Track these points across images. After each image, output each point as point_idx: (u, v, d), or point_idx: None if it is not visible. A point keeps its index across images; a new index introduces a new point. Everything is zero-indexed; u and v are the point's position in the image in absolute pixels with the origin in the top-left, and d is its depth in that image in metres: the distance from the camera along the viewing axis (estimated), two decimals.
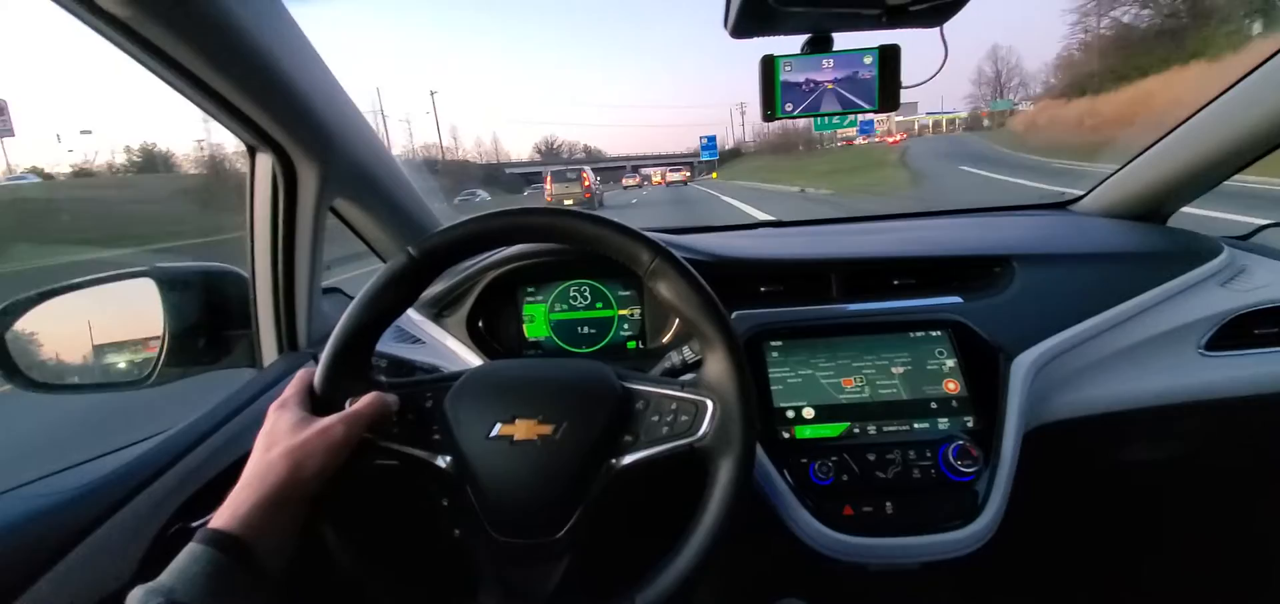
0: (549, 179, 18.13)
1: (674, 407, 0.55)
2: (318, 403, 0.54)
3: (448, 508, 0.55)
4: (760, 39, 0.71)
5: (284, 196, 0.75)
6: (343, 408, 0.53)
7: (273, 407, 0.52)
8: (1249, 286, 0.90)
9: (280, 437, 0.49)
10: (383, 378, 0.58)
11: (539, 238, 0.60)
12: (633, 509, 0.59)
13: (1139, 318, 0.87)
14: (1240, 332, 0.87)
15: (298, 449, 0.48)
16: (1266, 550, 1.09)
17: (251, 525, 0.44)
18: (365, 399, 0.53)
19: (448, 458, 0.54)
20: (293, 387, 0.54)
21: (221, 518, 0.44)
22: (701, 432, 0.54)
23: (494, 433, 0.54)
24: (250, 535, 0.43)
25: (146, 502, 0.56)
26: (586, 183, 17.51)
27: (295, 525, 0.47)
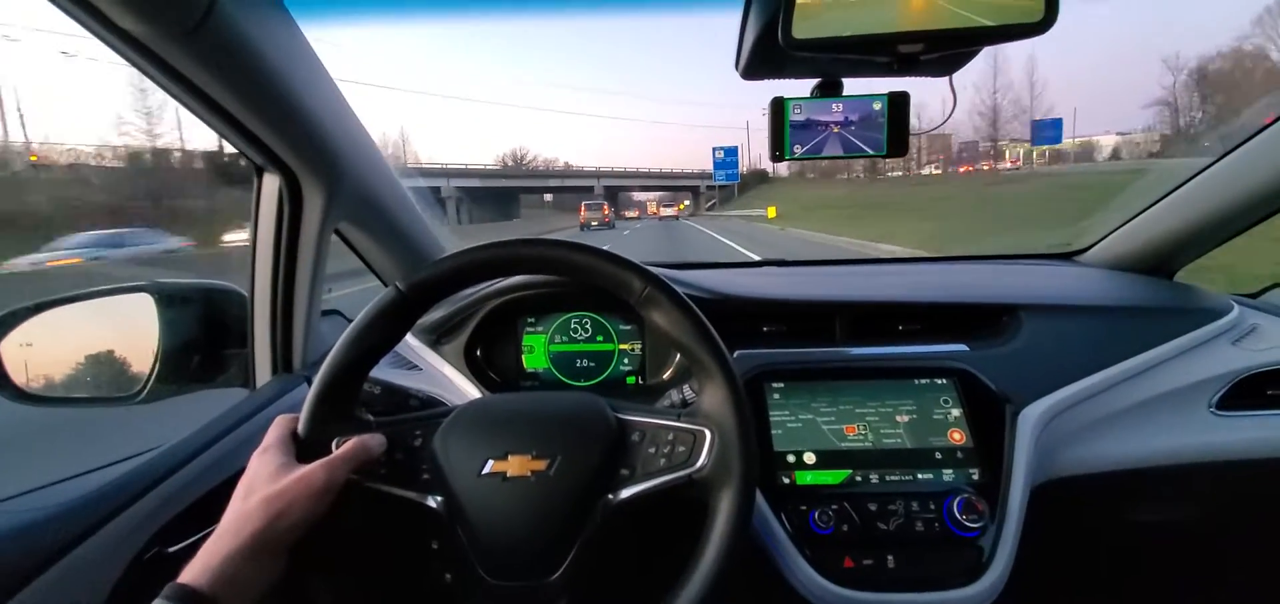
0: (583, 208, 29.61)
1: (671, 438, 0.54)
2: (302, 447, 0.53)
3: (438, 551, 0.53)
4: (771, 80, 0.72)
5: (289, 218, 0.75)
6: (330, 450, 0.52)
7: (255, 453, 0.51)
8: (1260, 346, 0.89)
9: (259, 484, 0.48)
10: (370, 417, 0.56)
11: (531, 269, 0.59)
12: (631, 548, 0.58)
13: (1149, 373, 0.85)
14: (1252, 392, 0.85)
15: (277, 498, 0.46)
16: None
17: (222, 579, 0.42)
18: (349, 443, 0.52)
19: (438, 498, 0.52)
20: (274, 431, 0.53)
21: (191, 572, 0.42)
22: (700, 463, 0.52)
23: (486, 470, 0.52)
24: (220, 590, 0.42)
25: (124, 524, 0.54)
26: (605, 212, 29.29)
27: (272, 576, 0.46)
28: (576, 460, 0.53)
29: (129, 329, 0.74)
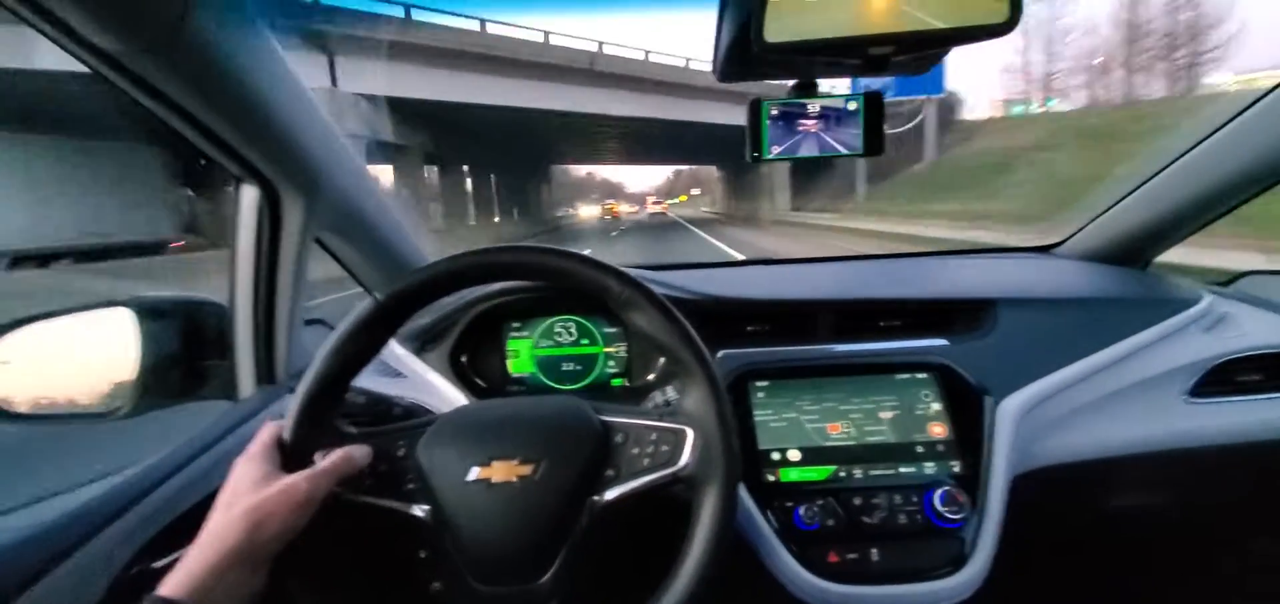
0: (601, 208, 33.50)
1: (654, 438, 0.55)
2: (287, 457, 0.53)
3: (426, 560, 0.54)
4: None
5: (268, 229, 0.75)
6: (313, 462, 0.52)
7: (239, 460, 0.51)
8: (1232, 333, 0.91)
9: (241, 494, 0.48)
10: (353, 429, 0.57)
11: (510, 276, 0.60)
12: (618, 551, 0.58)
13: (1124, 363, 0.87)
14: (1224, 379, 0.88)
15: (258, 508, 0.46)
16: (1261, 599, 1.08)
17: (202, 591, 0.42)
18: (334, 455, 0.52)
19: (424, 507, 0.53)
20: (259, 440, 0.53)
21: (171, 584, 0.42)
22: (683, 462, 0.53)
23: (471, 477, 0.53)
24: (199, 602, 0.42)
25: (109, 540, 0.54)
26: (614, 212, 33.89)
27: (252, 588, 0.46)
28: (562, 464, 0.53)
29: (109, 345, 0.73)
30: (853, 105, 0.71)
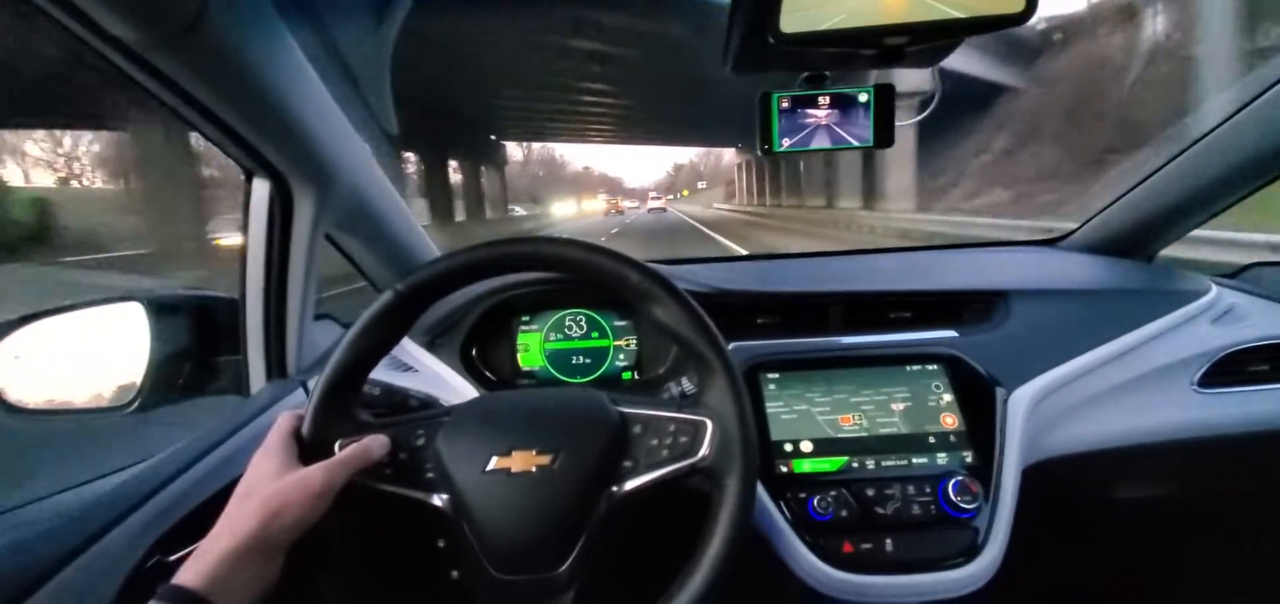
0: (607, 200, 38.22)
1: (672, 429, 0.55)
2: (305, 448, 0.53)
3: (444, 549, 0.54)
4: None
5: (279, 223, 0.75)
6: (332, 452, 0.52)
7: (257, 452, 0.51)
8: (1239, 324, 0.92)
9: (258, 485, 0.48)
10: (372, 419, 0.57)
11: (528, 267, 0.60)
12: (636, 542, 0.58)
13: (1133, 354, 0.87)
14: (1233, 369, 0.88)
15: (273, 498, 0.46)
16: (1270, 589, 1.09)
17: (217, 580, 0.42)
18: (351, 447, 0.52)
19: (443, 496, 0.53)
20: (276, 431, 0.53)
21: (186, 572, 0.43)
22: (702, 453, 0.53)
23: (490, 466, 0.53)
24: (214, 590, 0.42)
25: (124, 534, 0.54)
26: (617, 207, 34.72)
27: (268, 577, 0.46)
28: (580, 454, 0.53)
29: (120, 340, 0.73)
30: (863, 97, 0.71)
